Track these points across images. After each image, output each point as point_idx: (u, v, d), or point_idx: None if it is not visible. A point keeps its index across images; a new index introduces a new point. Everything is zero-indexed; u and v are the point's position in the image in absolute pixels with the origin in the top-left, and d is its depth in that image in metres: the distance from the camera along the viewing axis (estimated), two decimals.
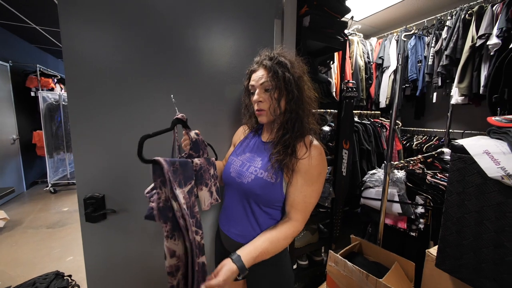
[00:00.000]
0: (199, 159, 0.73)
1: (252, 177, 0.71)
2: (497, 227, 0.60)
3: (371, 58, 2.63)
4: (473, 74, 1.89)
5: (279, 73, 0.68)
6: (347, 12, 1.44)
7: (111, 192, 0.87)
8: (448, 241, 0.71)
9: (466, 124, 2.24)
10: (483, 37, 1.78)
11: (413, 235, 1.42)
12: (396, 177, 1.45)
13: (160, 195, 0.54)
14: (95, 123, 0.81)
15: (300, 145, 0.70)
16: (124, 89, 0.83)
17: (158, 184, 0.55)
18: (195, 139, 0.72)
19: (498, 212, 0.60)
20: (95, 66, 0.78)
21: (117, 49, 0.80)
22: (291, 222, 0.69)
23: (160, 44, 0.85)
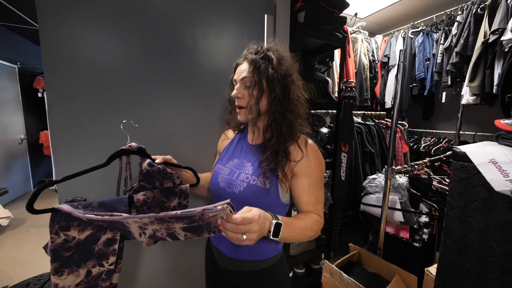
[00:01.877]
0: (147, 192, 0.68)
1: (244, 185, 0.65)
2: (506, 250, 0.51)
3: (376, 56, 2.51)
4: (486, 72, 1.76)
5: (261, 68, 0.62)
6: (346, 7, 1.35)
7: (94, 196, 0.83)
8: (448, 262, 0.62)
9: (478, 126, 2.10)
10: (496, 32, 1.65)
11: (417, 245, 1.32)
12: (398, 183, 1.35)
13: (54, 239, 0.54)
14: (76, 125, 0.78)
15: (293, 148, 0.65)
16: (108, 91, 0.80)
17: (54, 229, 0.54)
18: (146, 170, 0.66)
19: (507, 232, 0.51)
20: (78, 66, 0.75)
21: (100, 49, 0.77)
22: (314, 214, 0.65)
23: (146, 43, 0.82)
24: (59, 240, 0.55)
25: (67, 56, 0.73)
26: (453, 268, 0.62)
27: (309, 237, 0.62)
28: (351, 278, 1.15)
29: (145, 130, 0.84)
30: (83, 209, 0.58)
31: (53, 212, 0.54)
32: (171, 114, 0.89)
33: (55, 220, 0.54)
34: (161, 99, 0.87)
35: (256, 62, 0.63)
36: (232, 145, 0.79)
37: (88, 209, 0.58)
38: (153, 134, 0.87)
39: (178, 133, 0.92)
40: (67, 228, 0.55)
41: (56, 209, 0.53)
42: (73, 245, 0.57)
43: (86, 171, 0.62)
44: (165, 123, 0.89)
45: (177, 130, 0.91)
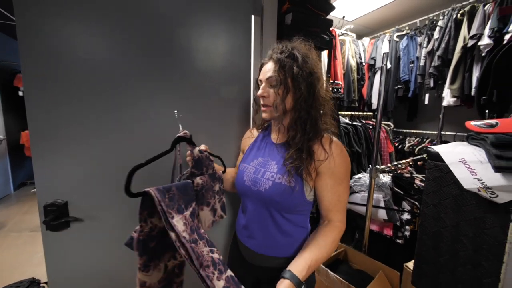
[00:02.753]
0: (201, 177, 0.70)
1: (270, 183, 0.66)
2: (475, 245, 0.54)
3: (363, 58, 2.57)
4: (465, 75, 1.84)
5: (286, 67, 0.63)
6: (331, 10, 1.38)
7: (76, 198, 0.81)
8: (424, 258, 0.65)
9: (458, 126, 2.19)
10: (474, 37, 1.73)
11: (399, 242, 1.37)
12: (382, 182, 1.39)
13: (143, 227, 0.53)
14: (56, 123, 0.75)
15: (317, 146, 0.66)
16: (94, 90, 0.77)
17: (143, 216, 0.53)
18: (198, 157, 0.69)
19: (475, 227, 0.54)
20: (55, 61, 0.72)
21: (85, 46, 0.75)
22: (334, 224, 0.66)
23: (133, 41, 0.80)
24: (147, 228, 0.53)
25: (48, 52, 0.70)
26: (428, 263, 0.64)
27: (332, 252, 0.65)
28: (337, 276, 1.17)
29: (130, 131, 0.82)
30: (167, 193, 0.57)
31: (144, 197, 0.52)
32: (156, 114, 0.87)
33: (144, 206, 0.53)
34: (145, 98, 0.85)
35: (281, 61, 0.64)
36: (256, 144, 0.81)
37: (170, 193, 0.57)
38: (137, 135, 0.85)
39: (169, 134, 0.90)
40: (152, 214, 0.54)
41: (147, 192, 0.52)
42: (155, 234, 0.55)
43: (157, 157, 0.62)
44: (151, 123, 0.87)
45: (167, 131, 0.89)
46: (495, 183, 0.48)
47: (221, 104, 1.00)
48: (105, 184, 0.80)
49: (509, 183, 0.47)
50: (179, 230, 0.52)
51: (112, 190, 0.80)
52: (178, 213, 0.55)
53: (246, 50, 1.06)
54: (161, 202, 0.52)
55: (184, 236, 0.52)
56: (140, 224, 0.53)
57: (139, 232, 0.53)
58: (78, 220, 0.82)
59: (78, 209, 0.81)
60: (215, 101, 0.98)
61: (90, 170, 0.79)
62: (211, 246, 0.60)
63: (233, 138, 1.05)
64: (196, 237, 0.56)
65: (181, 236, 0.51)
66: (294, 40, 0.71)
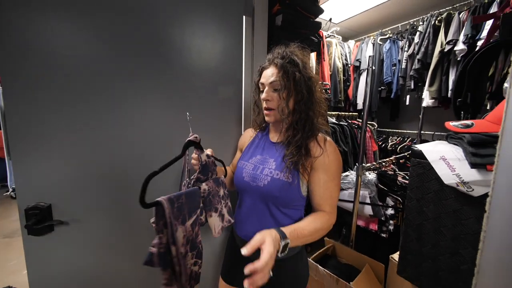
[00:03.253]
0: (207, 182, 0.70)
1: (268, 179, 0.70)
2: (453, 235, 0.59)
3: (349, 60, 2.66)
4: (442, 78, 1.96)
5: (289, 72, 0.67)
6: (320, 13, 1.42)
7: (59, 201, 0.77)
8: (408, 248, 0.70)
9: (436, 126, 2.33)
10: (451, 42, 1.85)
11: (384, 236, 1.44)
12: (368, 179, 1.46)
13: (161, 239, 0.51)
14: (36, 123, 0.71)
15: (313, 144, 0.70)
16: (73, 87, 0.74)
17: (161, 227, 0.51)
18: (205, 162, 0.69)
19: (454, 219, 0.59)
20: (38, 59, 0.69)
21: (63, 41, 0.71)
22: (325, 213, 0.69)
23: (118, 37, 0.78)
24: (165, 239, 0.51)
25: (26, 48, 0.67)
26: (412, 253, 0.69)
27: (320, 235, 0.67)
28: (326, 270, 1.21)
29: (116, 131, 0.80)
30: (177, 202, 0.56)
31: (157, 206, 0.51)
32: (143, 114, 0.85)
33: (159, 216, 0.51)
34: (132, 97, 0.83)
35: (284, 66, 0.67)
36: (255, 143, 0.84)
37: (179, 202, 0.57)
38: (123, 136, 0.82)
39: (155, 134, 0.89)
40: (167, 224, 0.52)
41: (160, 202, 0.51)
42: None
43: (169, 163, 0.60)
44: (137, 123, 0.85)
45: (154, 131, 0.88)
46: (471, 178, 0.53)
47: (213, 103, 1.00)
48: (91, 185, 0.78)
49: (483, 178, 0.52)
50: (179, 245, 0.52)
51: (99, 191, 0.78)
52: (181, 224, 0.55)
53: (237, 50, 1.07)
54: (170, 214, 0.51)
55: (181, 252, 0.52)
56: (158, 236, 0.51)
57: (158, 244, 0.50)
58: (63, 224, 0.79)
59: (62, 212, 0.78)
60: (207, 101, 0.98)
61: (75, 171, 0.76)
62: (198, 257, 0.61)
63: (225, 136, 1.05)
64: (188, 248, 0.57)
65: (179, 252, 0.52)
66: (291, 45, 0.74)
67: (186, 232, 0.56)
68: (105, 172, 0.79)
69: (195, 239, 0.60)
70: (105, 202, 0.79)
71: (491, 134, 0.52)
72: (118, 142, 0.81)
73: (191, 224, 0.59)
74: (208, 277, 1.09)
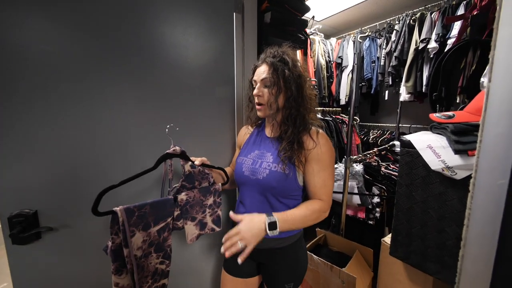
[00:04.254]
0: (188, 192, 0.75)
1: (267, 172, 0.74)
2: (439, 215, 0.66)
3: (331, 57, 2.75)
4: (417, 74, 2.10)
5: (279, 70, 0.71)
6: (307, 11, 1.46)
7: (46, 206, 0.73)
8: (399, 230, 0.76)
9: (413, 119, 2.50)
10: (424, 41, 1.99)
11: (371, 223, 1.53)
12: (355, 171, 1.54)
13: (114, 239, 0.62)
14: (18, 122, 0.66)
15: (306, 138, 0.74)
16: (56, 84, 0.69)
17: (114, 230, 0.61)
18: (189, 172, 0.74)
19: (439, 201, 0.66)
20: (16, 55, 0.64)
21: (44, 34, 0.67)
22: (319, 200, 0.73)
23: (102, 36, 0.74)
24: (118, 240, 0.62)
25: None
26: (403, 234, 0.76)
27: (314, 220, 0.71)
28: (320, 258, 1.27)
29: (95, 132, 0.75)
30: (138, 211, 0.64)
31: (113, 215, 0.61)
32: (130, 113, 0.81)
33: (114, 222, 0.61)
34: (111, 97, 0.78)
35: (274, 64, 0.72)
36: (252, 139, 0.88)
37: (142, 211, 0.65)
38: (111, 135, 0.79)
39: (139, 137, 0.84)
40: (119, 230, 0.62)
41: (115, 212, 0.61)
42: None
43: (138, 175, 0.68)
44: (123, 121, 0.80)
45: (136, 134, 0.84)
46: (455, 163, 0.59)
47: (205, 101, 0.99)
48: (81, 188, 0.74)
49: (465, 163, 0.58)
50: (134, 247, 0.63)
51: (88, 194, 0.74)
52: (142, 230, 0.65)
53: (229, 47, 1.07)
54: (124, 222, 0.61)
55: (135, 254, 0.63)
56: (111, 237, 0.61)
57: (112, 243, 0.61)
58: (51, 230, 0.75)
59: (49, 218, 0.73)
60: (199, 99, 0.97)
61: (60, 174, 0.72)
62: (165, 258, 0.71)
63: (218, 135, 1.06)
64: (151, 250, 0.68)
65: (132, 254, 0.63)
66: (283, 45, 0.79)
67: (148, 237, 0.66)
68: (93, 174, 0.76)
69: (162, 243, 0.70)
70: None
71: (471, 123, 0.59)
72: (105, 143, 0.77)
73: (158, 230, 0.68)
74: (210, 269, 1.10)
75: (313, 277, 1.33)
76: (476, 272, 0.46)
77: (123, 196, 0.79)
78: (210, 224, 0.84)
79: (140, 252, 0.66)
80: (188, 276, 1.05)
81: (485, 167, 0.44)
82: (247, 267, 0.87)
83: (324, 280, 1.27)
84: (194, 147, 0.95)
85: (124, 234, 0.62)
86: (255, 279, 0.88)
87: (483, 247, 0.45)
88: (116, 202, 0.73)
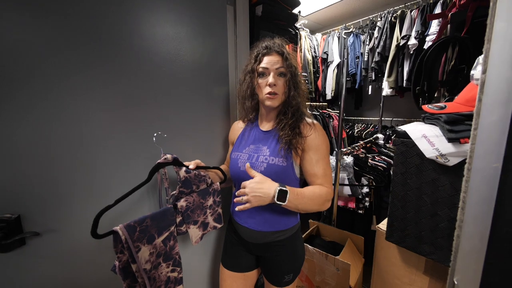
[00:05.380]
0: (187, 198, 0.75)
1: (264, 165, 0.74)
2: (432, 200, 0.71)
3: (317, 52, 2.79)
4: (398, 70, 2.20)
5: (292, 64, 0.75)
6: (297, 5, 1.46)
7: (30, 210, 0.67)
8: (395, 216, 0.81)
9: (394, 113, 2.63)
10: (405, 37, 2.08)
11: (360, 212, 1.61)
12: (346, 163, 1.60)
13: (121, 258, 0.61)
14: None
15: (303, 125, 0.76)
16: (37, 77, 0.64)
17: (118, 249, 0.61)
18: (185, 178, 0.73)
19: (433, 187, 0.70)
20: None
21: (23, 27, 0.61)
22: (323, 187, 0.73)
23: (87, 28, 0.69)
24: (125, 258, 0.62)
25: None
26: (398, 220, 0.80)
27: (319, 205, 0.72)
28: (315, 248, 1.31)
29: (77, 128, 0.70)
30: (139, 226, 0.64)
31: (114, 234, 0.60)
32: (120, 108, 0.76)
33: (117, 242, 0.61)
34: (97, 95, 0.72)
35: (288, 57, 0.74)
36: (246, 133, 0.87)
37: (143, 225, 0.64)
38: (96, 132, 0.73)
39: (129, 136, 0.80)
40: (124, 248, 0.62)
41: (116, 231, 0.60)
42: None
43: (133, 190, 0.66)
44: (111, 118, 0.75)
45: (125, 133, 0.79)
46: (448, 151, 0.64)
47: (200, 96, 0.96)
48: (67, 188, 0.69)
49: (457, 150, 0.63)
50: (141, 262, 0.63)
51: (74, 196, 0.70)
52: (147, 244, 0.65)
53: (222, 39, 1.05)
54: (127, 239, 0.60)
55: (144, 268, 0.64)
56: (117, 256, 0.61)
57: (119, 262, 0.61)
58: (35, 235, 0.69)
59: (34, 223, 0.68)
60: (193, 94, 0.94)
61: (48, 174, 0.66)
62: (175, 266, 0.72)
63: (216, 129, 1.04)
64: (160, 260, 0.68)
65: (141, 268, 0.63)
66: (276, 38, 0.81)
67: (155, 249, 0.67)
68: (79, 175, 0.71)
69: (169, 252, 0.71)
70: (81, 206, 0.72)
71: (462, 113, 0.63)
72: (91, 143, 0.72)
73: (163, 240, 0.69)
74: (209, 265, 1.09)
75: (308, 266, 1.37)
76: (471, 249, 0.51)
77: (120, 207, 0.74)
78: (212, 223, 0.85)
79: (149, 265, 0.66)
80: (187, 273, 1.03)
81: (481, 152, 0.48)
82: (245, 261, 0.87)
83: (319, 268, 1.31)
84: (188, 145, 0.93)
85: (130, 251, 0.61)
86: (254, 273, 0.89)
87: (478, 226, 0.50)
88: (114, 214, 0.71)
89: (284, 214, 0.79)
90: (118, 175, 0.77)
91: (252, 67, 0.77)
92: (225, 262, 0.90)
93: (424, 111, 0.75)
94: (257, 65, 0.76)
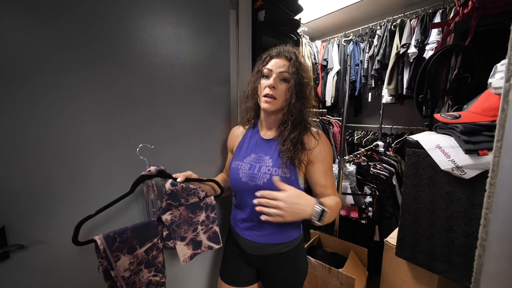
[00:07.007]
0: (173, 211, 0.72)
1: (267, 177, 0.70)
2: (447, 214, 0.67)
3: (317, 59, 2.79)
4: (398, 78, 2.21)
5: (298, 69, 0.71)
6: (299, 11, 1.45)
7: (15, 221, 0.62)
8: (406, 231, 0.77)
9: (394, 121, 2.63)
10: (404, 46, 2.09)
11: (363, 222, 1.56)
12: (349, 171, 1.56)
13: (102, 263, 0.63)
14: None
15: (307, 137, 0.74)
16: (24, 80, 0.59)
17: (100, 255, 0.63)
18: (170, 191, 0.70)
19: (447, 200, 0.67)
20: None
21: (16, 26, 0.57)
22: (334, 197, 0.72)
23: (87, 30, 0.65)
24: (105, 263, 0.63)
25: None
26: (409, 235, 0.76)
27: (336, 215, 0.72)
28: (318, 261, 1.26)
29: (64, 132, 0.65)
30: (119, 237, 0.64)
31: (95, 243, 0.62)
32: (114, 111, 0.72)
33: (98, 250, 0.63)
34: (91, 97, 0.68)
35: (295, 64, 0.71)
36: (246, 141, 0.83)
37: (123, 236, 0.65)
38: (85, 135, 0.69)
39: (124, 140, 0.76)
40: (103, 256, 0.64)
41: (96, 240, 0.62)
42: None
43: (115, 201, 0.66)
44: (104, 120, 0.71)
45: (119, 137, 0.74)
46: (465, 163, 0.60)
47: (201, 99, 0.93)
48: (56, 196, 0.65)
49: (475, 162, 0.60)
50: (120, 270, 0.64)
51: (61, 205, 0.65)
52: (128, 254, 0.66)
53: (224, 43, 1.03)
54: (106, 249, 0.62)
55: (122, 276, 0.65)
56: (99, 260, 0.63)
57: (100, 265, 0.63)
58: (21, 248, 0.64)
59: (18, 234, 0.63)
60: (194, 96, 0.90)
61: (33, 182, 0.62)
62: (158, 272, 0.72)
63: (215, 133, 1.00)
64: (142, 267, 0.69)
65: (120, 276, 0.65)
66: (288, 44, 0.78)
67: (136, 259, 0.67)
68: (65, 176, 0.66)
69: (152, 261, 0.70)
70: (70, 217, 0.67)
71: (479, 123, 0.61)
72: (81, 148, 0.67)
73: (145, 250, 0.69)
74: (207, 278, 1.04)
75: (310, 279, 1.31)
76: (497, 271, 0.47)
77: (114, 215, 0.73)
78: (206, 242, 0.79)
79: (128, 272, 0.67)
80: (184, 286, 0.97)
81: (507, 166, 0.44)
82: (245, 274, 0.82)
83: (322, 282, 1.26)
84: (187, 153, 0.89)
85: (108, 259, 0.63)
86: (254, 287, 0.85)
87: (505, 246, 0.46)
88: (96, 221, 0.69)
89: (288, 226, 0.76)
90: (110, 184, 0.72)
91: (259, 67, 0.77)
92: (223, 276, 0.85)
93: (436, 120, 0.72)
94: (263, 66, 0.75)
